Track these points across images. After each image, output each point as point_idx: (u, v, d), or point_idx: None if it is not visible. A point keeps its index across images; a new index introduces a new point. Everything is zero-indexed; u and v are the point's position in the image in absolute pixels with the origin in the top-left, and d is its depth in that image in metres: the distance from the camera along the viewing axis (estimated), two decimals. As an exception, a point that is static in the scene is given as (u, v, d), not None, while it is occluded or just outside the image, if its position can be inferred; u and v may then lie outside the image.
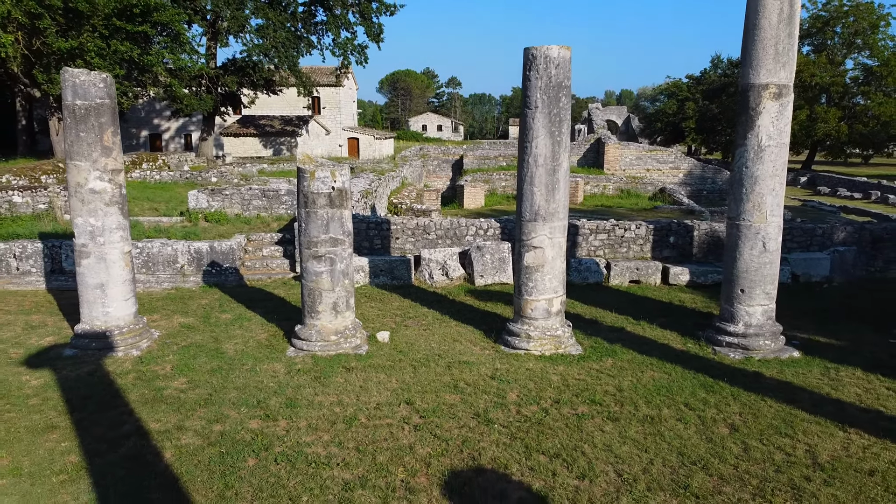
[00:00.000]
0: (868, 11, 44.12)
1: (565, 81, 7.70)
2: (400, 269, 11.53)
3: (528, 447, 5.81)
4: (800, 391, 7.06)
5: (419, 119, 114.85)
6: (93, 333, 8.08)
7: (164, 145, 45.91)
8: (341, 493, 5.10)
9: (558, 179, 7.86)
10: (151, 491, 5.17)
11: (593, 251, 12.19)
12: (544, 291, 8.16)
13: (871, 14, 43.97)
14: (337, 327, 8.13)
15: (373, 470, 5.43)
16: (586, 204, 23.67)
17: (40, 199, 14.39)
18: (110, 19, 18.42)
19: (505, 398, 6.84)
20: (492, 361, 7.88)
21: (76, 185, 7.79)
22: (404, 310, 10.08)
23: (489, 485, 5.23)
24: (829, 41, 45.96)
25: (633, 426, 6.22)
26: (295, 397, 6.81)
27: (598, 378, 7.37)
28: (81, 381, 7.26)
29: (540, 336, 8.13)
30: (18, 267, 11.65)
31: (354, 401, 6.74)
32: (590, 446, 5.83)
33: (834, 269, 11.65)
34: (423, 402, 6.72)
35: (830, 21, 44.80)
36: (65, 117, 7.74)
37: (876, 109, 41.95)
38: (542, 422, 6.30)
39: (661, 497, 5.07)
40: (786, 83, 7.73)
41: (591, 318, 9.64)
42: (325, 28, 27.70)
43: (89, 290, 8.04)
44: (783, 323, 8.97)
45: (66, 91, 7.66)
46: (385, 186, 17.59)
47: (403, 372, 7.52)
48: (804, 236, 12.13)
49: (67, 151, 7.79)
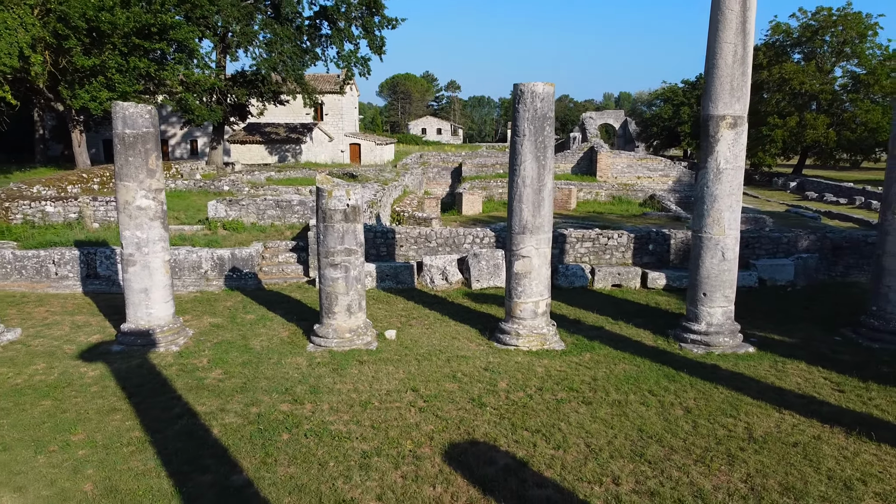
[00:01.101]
0: (856, 21, 45.33)
1: (549, 113, 8.88)
2: (404, 274, 12.71)
3: (514, 425, 6.99)
4: (749, 380, 8.25)
5: (419, 122, 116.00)
6: (137, 332, 9.26)
7: (171, 150, 47.06)
8: (361, 460, 6.28)
9: (543, 198, 9.05)
10: (205, 458, 6.34)
11: (579, 258, 13.38)
12: (531, 295, 9.34)
13: (859, 24, 45.18)
14: (350, 326, 9.31)
15: (386, 442, 6.61)
16: (579, 210, 24.86)
17: (71, 208, 15.57)
18: (129, 38, 19.59)
19: (496, 386, 8.02)
20: (485, 356, 9.06)
21: (125, 203, 8.97)
22: (408, 311, 11.27)
23: (481, 453, 6.41)
24: (818, 49, 47.17)
25: (603, 409, 7.40)
26: (317, 385, 7.99)
27: (577, 370, 8.55)
28: (132, 373, 8.43)
29: (527, 334, 9.32)
30: (57, 272, 12.82)
31: (368, 388, 7.92)
32: (566, 424, 7.01)
33: (797, 274, 12.84)
34: (426, 389, 7.90)
35: (819, 30, 46.00)
36: (115, 144, 8.91)
37: (863, 116, 43.18)
38: (526, 405, 7.49)
39: (620, 463, 6.25)
40: (740, 114, 8.92)
41: (574, 319, 10.82)
42: (330, 41, 28.90)
43: (135, 294, 9.22)
44: (746, 322, 10.18)
45: (117, 121, 8.84)
46: (388, 196, 18.78)
47: (409, 364, 8.70)
48: (771, 244, 13.31)
49: (117, 173, 8.96)
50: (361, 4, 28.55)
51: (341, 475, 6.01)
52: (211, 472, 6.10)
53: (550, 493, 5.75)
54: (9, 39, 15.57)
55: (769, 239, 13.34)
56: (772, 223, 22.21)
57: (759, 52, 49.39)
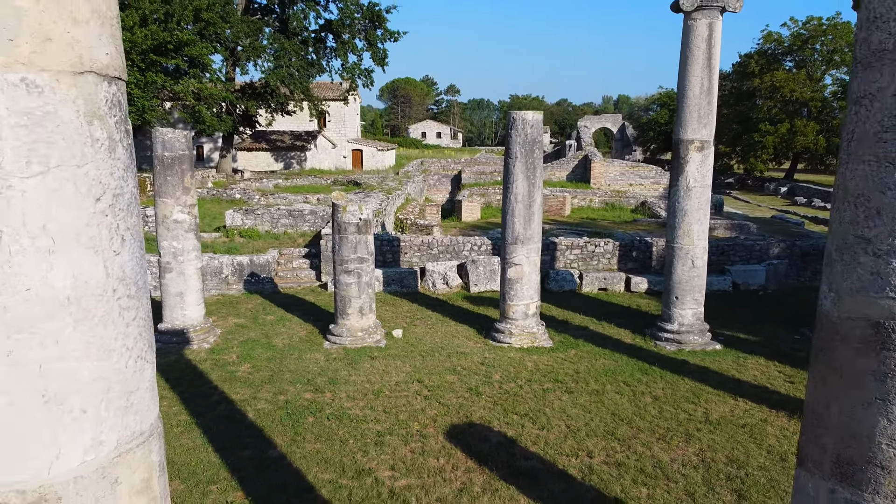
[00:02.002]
0: (845, 30, 46.54)
1: (538, 138, 10.06)
2: (408, 278, 13.89)
3: (505, 410, 8.16)
4: (712, 373, 9.42)
5: (419, 126, 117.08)
6: (173, 331, 10.43)
7: (177, 156, 48.18)
8: (376, 438, 7.45)
9: (533, 212, 10.23)
10: (244, 437, 7.50)
11: (569, 264, 14.55)
12: (523, 298, 10.52)
13: (849, 33, 46.36)
14: (362, 326, 10.48)
15: (396, 424, 7.78)
16: (573, 216, 26.03)
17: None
18: (147, 54, 20.79)
19: (491, 378, 9.19)
20: (482, 352, 10.24)
21: (163, 217, 10.14)
22: (413, 312, 12.44)
23: (477, 433, 7.58)
24: (808, 58, 48.41)
25: (583, 397, 8.57)
26: (335, 377, 9.16)
27: (562, 364, 9.72)
28: (171, 366, 9.60)
29: (519, 333, 10.49)
30: (90, 277, 13.97)
31: (379, 380, 9.09)
32: (550, 409, 8.18)
33: (769, 279, 14.02)
34: (430, 380, 9.07)
35: (809, 39, 47.26)
36: (155, 164, 10.09)
37: (851, 124, 44.40)
38: (516, 394, 8.66)
39: (594, 440, 7.42)
40: (707, 139, 10.10)
41: (562, 319, 12.00)
42: (335, 53, 30.12)
43: (171, 297, 10.40)
44: (718, 322, 11.36)
45: (157, 145, 10.01)
46: (392, 204, 19.96)
47: (414, 360, 9.87)
48: (745, 251, 14.49)
49: (157, 190, 10.14)
50: (365, 18, 29.81)
51: (360, 450, 7.18)
52: (249, 448, 7.26)
53: (535, 464, 6.91)
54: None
55: (743, 246, 14.52)
56: (756, 229, 23.37)
57: (752, 60, 50.64)
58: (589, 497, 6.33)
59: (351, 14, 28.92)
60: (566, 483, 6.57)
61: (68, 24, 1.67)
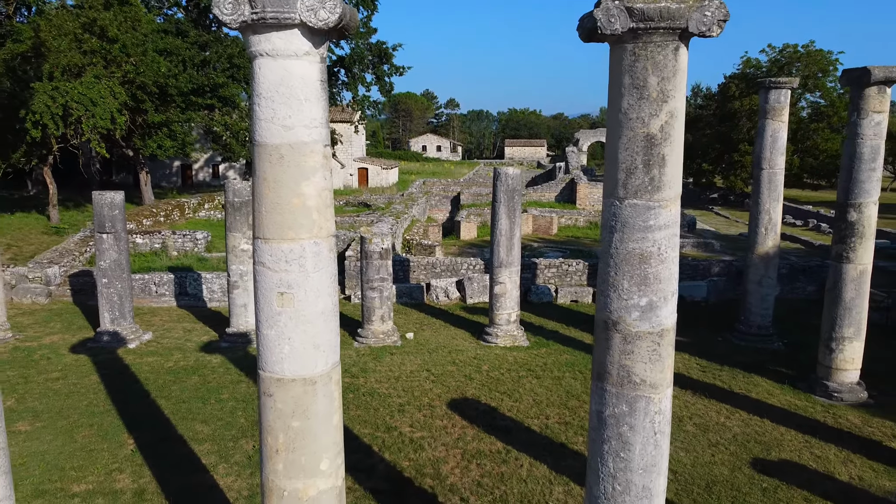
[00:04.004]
0: (819, 57, 49.89)
1: (518, 187, 13.28)
2: (416, 292, 17.08)
3: (490, 389, 11.33)
4: (646, 365, 12.58)
5: (419, 140, 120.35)
6: (238, 333, 13.61)
7: (194, 174, 51.49)
8: (398, 407, 10.61)
9: (514, 243, 13.43)
10: (305, 407, 10.67)
11: (547, 280, 17.74)
12: (506, 308, 13.71)
13: (822, 60, 49.75)
14: (383, 329, 13.67)
15: (412, 398, 10.94)
16: (560, 235, 29.26)
17: (156, 240, 19.95)
18: (188, 96, 24.02)
19: (481, 368, 12.37)
20: (475, 349, 13.41)
21: (232, 247, 13.35)
22: (421, 319, 15.62)
23: (469, 404, 10.75)
24: (785, 83, 51.68)
25: (547, 381, 11.75)
26: (365, 367, 12.33)
27: (535, 358, 12.90)
28: (240, 360, 12.76)
29: (503, 335, 13.68)
30: (157, 291, 17.16)
31: (398, 369, 12.26)
32: (522, 389, 11.35)
33: (710, 293, 17.21)
34: (435, 370, 12.24)
35: (786, 65, 50.62)
36: (226, 207, 13.30)
37: (823, 145, 47.74)
38: (499, 379, 11.83)
39: (552, 409, 10.58)
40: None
41: (539, 325, 15.18)
42: (346, 87, 33.47)
43: (237, 308, 13.59)
44: (659, 328, 14.52)
45: (228, 192, 13.23)
46: (401, 227, 23.16)
47: (423, 355, 13.04)
48: (691, 269, 17.69)
49: (228, 226, 13.35)
50: (374, 55, 33.16)
51: (387, 415, 10.35)
52: (310, 413, 10.42)
53: (508, 423, 10.09)
54: (104, 107, 19.98)
55: (689, 265, 17.72)
56: (720, 247, 26.59)
57: (732, 84, 54.07)
58: (543, 442, 9.51)
59: (361, 52, 32.27)
60: (529, 434, 9.75)
61: (330, 222, 4.86)
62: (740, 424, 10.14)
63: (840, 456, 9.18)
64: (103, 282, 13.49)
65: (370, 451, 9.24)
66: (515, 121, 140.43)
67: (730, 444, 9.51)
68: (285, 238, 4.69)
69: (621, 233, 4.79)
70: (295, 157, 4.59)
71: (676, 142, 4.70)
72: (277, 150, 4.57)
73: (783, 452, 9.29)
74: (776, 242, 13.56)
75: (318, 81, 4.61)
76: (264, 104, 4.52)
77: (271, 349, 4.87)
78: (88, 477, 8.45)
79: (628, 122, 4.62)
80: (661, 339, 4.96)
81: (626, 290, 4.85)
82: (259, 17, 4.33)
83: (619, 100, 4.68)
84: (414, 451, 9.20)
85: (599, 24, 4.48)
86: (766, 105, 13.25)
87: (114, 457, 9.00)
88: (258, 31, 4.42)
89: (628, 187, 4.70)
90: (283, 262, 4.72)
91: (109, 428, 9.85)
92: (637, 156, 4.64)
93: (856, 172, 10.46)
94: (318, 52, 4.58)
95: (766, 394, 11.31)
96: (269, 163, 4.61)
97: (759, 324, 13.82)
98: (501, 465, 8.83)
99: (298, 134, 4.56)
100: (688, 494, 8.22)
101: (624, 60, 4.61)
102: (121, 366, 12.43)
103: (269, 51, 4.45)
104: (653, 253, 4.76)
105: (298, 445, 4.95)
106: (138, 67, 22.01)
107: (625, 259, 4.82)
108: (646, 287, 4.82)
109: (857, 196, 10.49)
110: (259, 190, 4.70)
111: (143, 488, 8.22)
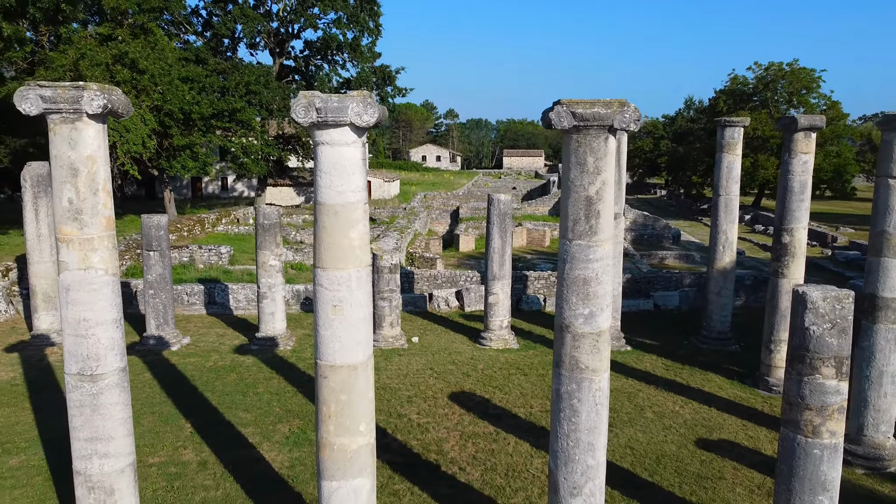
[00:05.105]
0: (803, 74, 52.15)
1: (508, 211, 15.38)
2: (420, 301, 19.15)
3: (484, 384, 13.40)
4: (619, 364, 14.64)
5: (419, 150, 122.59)
6: (266, 338, 15.69)
7: (204, 186, 53.65)
8: (406, 399, 12.67)
9: (505, 260, 15.53)
10: (329, 399, 12.73)
11: (537, 290, 19.82)
12: (499, 316, 15.79)
13: (806, 77, 52.02)
14: (392, 334, 15.73)
15: (418, 392, 13.01)
16: (552, 247, 31.36)
17: (184, 254, 22.03)
18: (209, 120, 26.17)
19: (476, 367, 14.43)
20: (471, 352, 15.48)
21: (262, 263, 15.44)
22: (424, 326, 17.70)
23: (467, 396, 12.81)
24: (770, 99, 54.03)
25: (533, 377, 13.81)
26: (377, 366, 14.37)
27: (523, 359, 14.97)
28: (269, 360, 14.83)
29: (496, 339, 15.75)
30: (188, 300, 19.23)
31: (405, 368, 14.33)
32: (511, 384, 13.42)
33: (682, 302, 19.29)
34: (437, 368, 14.30)
35: (771, 82, 52.94)
36: (257, 228, 15.39)
37: (806, 159, 49.91)
38: (492, 376, 13.90)
39: (535, 400, 12.65)
40: (619, 212, 15.41)
41: (528, 330, 17.26)
42: (352, 107, 35.58)
43: (265, 315, 15.66)
44: (635, 332, 16.58)
45: (259, 215, 15.33)
46: (404, 241, 25.27)
47: (427, 356, 15.11)
48: (665, 281, 19.77)
49: (258, 244, 15.44)
50: (378, 77, 35.36)
51: (398, 404, 12.41)
52: (333, 404, 12.48)
53: (499, 411, 12.15)
54: (136, 133, 22.12)
55: (664, 277, 19.83)
56: (700, 258, 28.70)
57: (720, 99, 56.42)
58: (527, 426, 11.58)
59: (367, 75, 34.48)
60: (515, 420, 11.82)
61: (367, 255, 6.95)
62: (691, 412, 12.21)
63: (769, 436, 11.24)
64: (150, 293, 15.56)
65: (385, 432, 11.29)
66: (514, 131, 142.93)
67: (680, 427, 11.58)
68: (337, 267, 6.77)
69: (571, 263, 6.88)
70: (345, 213, 6.67)
71: (608, 201, 6.80)
72: (333, 208, 6.66)
73: (723, 434, 11.36)
74: (732, 259, 15.66)
75: (361, 160, 6.71)
76: (324, 177, 6.62)
77: (326, 345, 6.95)
78: (160, 452, 10.51)
79: (574, 187, 6.73)
80: (599, 337, 7.02)
81: (574, 303, 6.93)
82: (322, 120, 6.43)
83: (568, 172, 6.80)
84: (421, 433, 11.26)
85: (553, 122, 6.60)
86: (721, 140, 15.35)
87: (176, 437, 11.06)
88: (321, 128, 6.52)
89: (575, 232, 6.79)
90: (336, 284, 6.80)
91: (169, 415, 11.91)
92: (580, 211, 6.75)
93: (787, 202, 12.58)
94: (361, 140, 6.69)
95: (717, 388, 13.39)
96: (327, 216, 6.69)
97: (719, 329, 15.91)
98: (492, 444, 10.89)
99: (347, 197, 6.65)
100: (641, 465, 10.27)
101: (571, 145, 6.74)
102: (168, 365, 14.49)
103: (328, 141, 6.55)
104: (592, 278, 6.85)
105: (344, 413, 7.02)
106: (165, 95, 24.17)
107: (573, 282, 6.90)
108: (588, 301, 6.90)
109: (789, 222, 12.61)
110: (319, 234, 6.79)
111: (204, 460, 10.27)
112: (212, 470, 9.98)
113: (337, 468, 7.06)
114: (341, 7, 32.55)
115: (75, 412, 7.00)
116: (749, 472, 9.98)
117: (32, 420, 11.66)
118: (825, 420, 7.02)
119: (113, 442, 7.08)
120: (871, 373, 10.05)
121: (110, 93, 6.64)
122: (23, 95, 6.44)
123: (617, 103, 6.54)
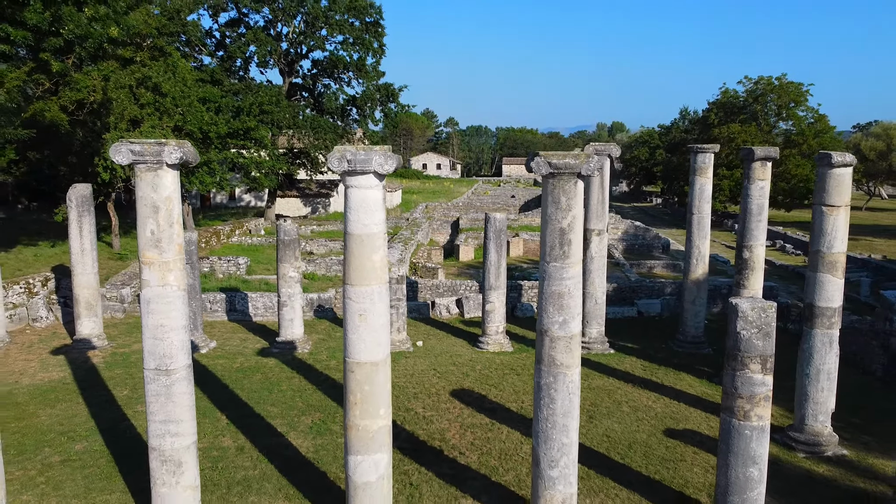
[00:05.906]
0: (791, 88, 53.98)
1: (504, 228, 17.15)
2: (423, 309, 20.90)
3: (482, 383, 15.13)
4: (603, 366, 16.37)
5: (420, 158, 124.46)
6: (286, 342, 17.43)
7: (212, 196, 55.38)
8: (412, 395, 14.41)
9: (501, 271, 17.29)
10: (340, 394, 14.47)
11: (531, 299, 21.56)
12: (495, 322, 17.54)
13: (794, 91, 53.85)
14: (399, 338, 17.48)
15: (423, 389, 14.74)
16: (547, 257, 33.08)
17: (205, 265, 23.78)
18: (224, 138, 27.97)
19: (475, 368, 16.17)
20: (470, 354, 17.22)
21: (282, 274, 17.20)
22: (427, 331, 19.44)
23: (466, 393, 14.55)
24: (760, 112, 55.88)
25: (525, 377, 15.55)
26: (386, 367, 16.12)
27: (517, 360, 16.71)
28: (289, 362, 16.56)
29: (493, 343, 17.50)
30: (211, 307, 20.97)
31: (411, 368, 16.06)
32: (505, 382, 15.16)
33: (663, 309, 21.04)
34: (440, 369, 16.04)
35: (760, 96, 54.80)
36: (278, 243, 17.15)
37: (794, 170, 51.76)
38: (488, 375, 15.64)
39: (527, 395, 14.37)
40: (602, 228, 17.17)
41: (522, 335, 19.00)
42: (357, 123, 37.57)
43: (285, 321, 17.41)
44: (619, 337, 18.33)
45: (280, 231, 17.09)
46: (408, 252, 27.03)
47: (430, 358, 16.85)
48: (648, 290, 21.51)
49: (279, 258, 17.20)
50: (382, 95, 37.25)
51: (405, 400, 14.15)
52: (349, 400, 14.23)
53: (494, 406, 13.89)
54: (160, 152, 23.94)
55: (646, 286, 21.58)
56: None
57: (711, 112, 58.28)
58: (519, 418, 13.32)
59: (372, 93, 36.39)
60: (508, 413, 13.57)
61: (386, 274, 8.71)
62: (662, 407, 13.94)
63: (728, 427, 12.96)
64: (181, 301, 17.29)
65: (395, 423, 13.01)
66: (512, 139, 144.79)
67: (652, 419, 13.31)
68: (363, 284, 8.52)
69: (548, 280, 8.64)
70: (369, 241, 8.43)
71: (577, 231, 8.57)
72: (360, 237, 8.41)
73: (688, 424, 13.10)
74: (705, 271, 17.41)
75: (381, 200, 8.48)
76: (353, 213, 8.38)
77: (353, 345, 8.69)
78: (202, 439, 12.23)
79: (551, 220, 8.51)
80: (571, 340, 8.77)
81: (551, 312, 8.68)
82: (352, 168, 8.20)
83: (546, 208, 8.58)
84: (426, 424, 12.99)
85: (534, 170, 8.39)
86: (695, 165, 17.12)
87: (215, 427, 12.80)
88: (351, 175, 8.29)
89: (552, 256, 8.56)
90: (361, 297, 8.55)
91: (206, 409, 13.64)
92: (556, 239, 8.52)
93: (747, 223, 14.36)
94: (381, 184, 8.46)
95: (687, 386, 15.13)
96: (354, 244, 8.45)
97: (693, 334, 17.66)
98: (488, 433, 12.63)
99: (371, 229, 8.41)
100: (615, 450, 12.00)
101: (548, 187, 8.51)
102: (199, 367, 16.22)
103: (356, 185, 8.32)
104: (565, 292, 8.61)
105: (368, 400, 8.75)
106: (185, 116, 25.98)
107: (550, 295, 8.66)
108: (562, 311, 8.66)
109: (748, 240, 14.38)
110: (348, 258, 8.54)
111: (241, 446, 12.01)
112: (248, 454, 11.71)
113: (361, 445, 8.80)
114: (348, 30, 34.53)
115: (152, 399, 8.74)
116: (707, 456, 11.71)
117: (87, 413, 13.40)
118: (754, 406, 8.77)
119: (182, 423, 8.82)
120: (810, 371, 11.79)
121: (183, 146, 8.43)
122: (117, 149, 8.22)
123: (584, 156, 8.32)
